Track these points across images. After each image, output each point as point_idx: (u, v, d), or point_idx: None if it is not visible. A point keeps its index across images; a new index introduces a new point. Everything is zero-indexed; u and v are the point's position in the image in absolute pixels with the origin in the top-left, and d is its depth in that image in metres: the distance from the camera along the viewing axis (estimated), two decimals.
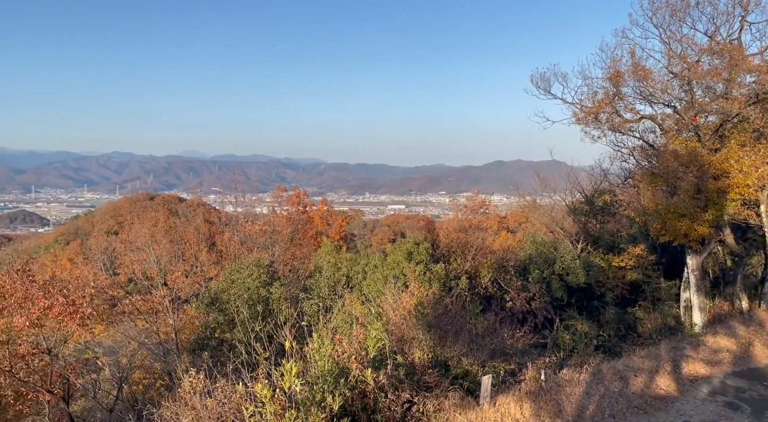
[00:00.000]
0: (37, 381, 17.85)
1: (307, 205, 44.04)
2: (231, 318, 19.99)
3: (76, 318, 18.46)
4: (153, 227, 25.81)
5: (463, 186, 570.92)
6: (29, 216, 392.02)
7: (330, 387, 10.71)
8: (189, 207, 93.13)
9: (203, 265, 26.62)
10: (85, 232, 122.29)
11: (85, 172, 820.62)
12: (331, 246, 24.15)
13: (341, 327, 16.37)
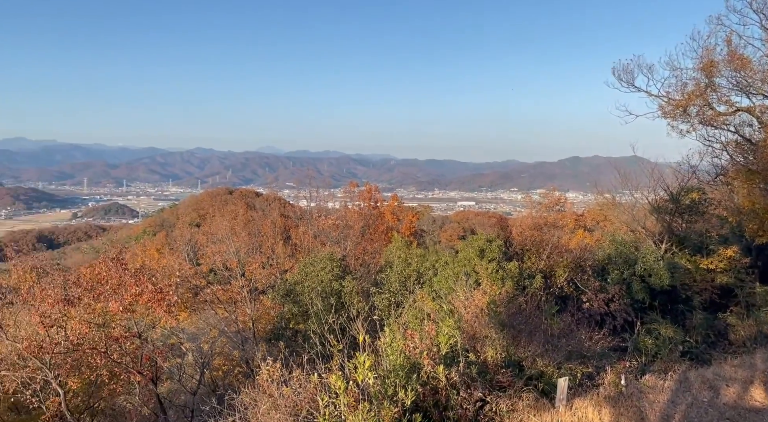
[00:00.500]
0: (128, 363, 19.13)
1: (378, 200, 44.41)
2: (305, 309, 20.53)
3: (164, 305, 19.62)
4: (233, 220, 27.00)
5: (536, 182, 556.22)
6: (121, 209, 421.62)
7: (401, 382, 10.77)
8: (265, 201, 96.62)
9: (279, 258, 27.52)
10: (170, 224, 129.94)
11: (171, 167, 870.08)
12: (401, 242, 24.23)
13: (412, 322, 16.43)
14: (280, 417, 10.03)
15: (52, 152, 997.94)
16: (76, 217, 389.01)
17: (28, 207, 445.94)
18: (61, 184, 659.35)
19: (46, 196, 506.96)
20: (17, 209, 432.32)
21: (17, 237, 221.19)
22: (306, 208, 49.01)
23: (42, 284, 20.18)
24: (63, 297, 18.89)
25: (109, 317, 20.08)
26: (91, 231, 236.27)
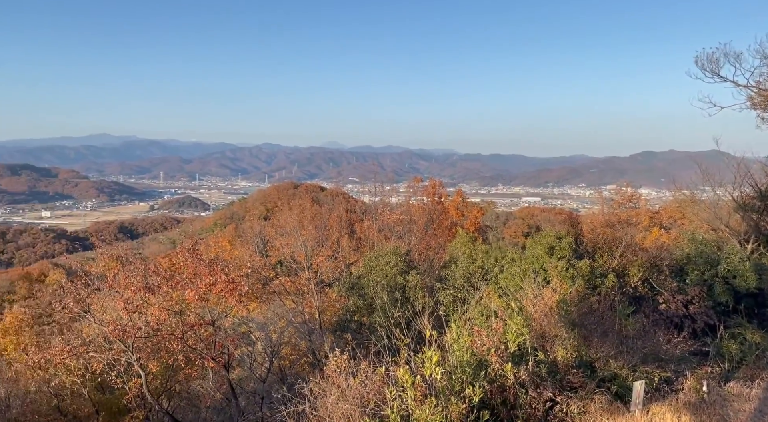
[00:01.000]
0: (202, 349, 20.03)
1: (442, 195, 44.18)
2: (369, 303, 20.74)
3: (235, 295, 20.40)
4: (300, 214, 27.69)
5: (606, 178, 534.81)
6: (194, 202, 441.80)
7: (468, 379, 10.68)
8: (329, 195, 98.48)
9: (344, 251, 27.98)
10: (239, 217, 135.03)
11: (240, 162, 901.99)
12: (466, 238, 24.00)
13: (477, 319, 16.24)
14: (348, 408, 10.20)
15: (133, 147, 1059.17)
16: (153, 210, 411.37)
17: (110, 199, 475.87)
18: (140, 177, 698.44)
19: (127, 189, 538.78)
20: (101, 201, 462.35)
21: (101, 228, 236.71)
22: (369, 203, 49.45)
23: (125, 272, 21.41)
24: (144, 284, 20.04)
25: (185, 305, 21.13)
26: (166, 222, 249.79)
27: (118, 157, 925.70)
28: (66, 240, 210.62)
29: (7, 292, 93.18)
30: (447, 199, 45.55)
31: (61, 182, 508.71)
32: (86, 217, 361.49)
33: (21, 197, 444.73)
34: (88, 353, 19.70)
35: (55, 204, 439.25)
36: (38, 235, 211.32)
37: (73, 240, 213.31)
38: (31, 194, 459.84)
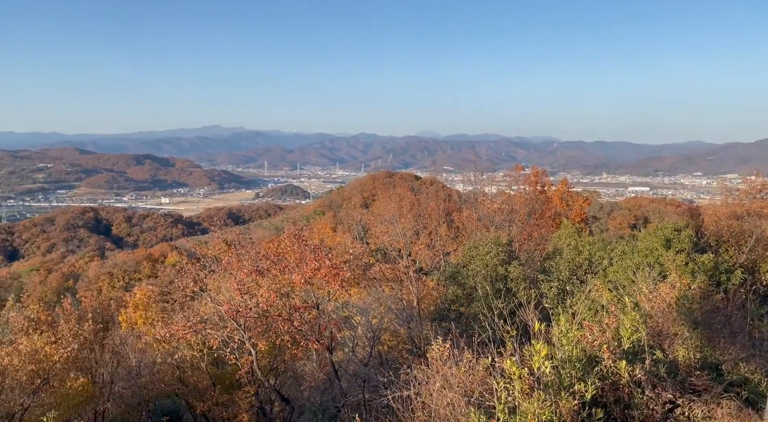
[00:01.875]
0: (307, 331, 20.93)
1: (545, 184, 42.61)
2: (469, 292, 20.54)
3: (338, 280, 21.09)
4: (399, 202, 27.99)
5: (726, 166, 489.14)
6: (295, 190, 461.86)
7: (578, 374, 10.26)
8: (424, 184, 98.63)
9: (442, 240, 27.93)
10: (337, 205, 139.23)
11: (338, 152, 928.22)
12: (572, 229, 23.00)
13: (585, 313, 15.54)
14: (452, 396, 10.19)
15: (240, 138, 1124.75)
16: (258, 197, 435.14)
17: (220, 187, 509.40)
18: (247, 167, 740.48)
19: (234, 177, 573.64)
20: (212, 189, 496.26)
21: (212, 214, 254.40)
22: (468, 192, 48.84)
23: (238, 256, 22.80)
24: (255, 268, 21.28)
25: (291, 288, 22.17)
26: (270, 209, 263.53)
27: (227, 147, 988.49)
28: (182, 225, 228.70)
29: (134, 271, 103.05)
30: (550, 188, 43.86)
31: (177, 171, 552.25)
32: (199, 204, 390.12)
33: (144, 184, 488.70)
34: (205, 330, 21.27)
35: (173, 191, 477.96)
36: (158, 220, 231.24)
37: (188, 225, 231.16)
38: (152, 182, 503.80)
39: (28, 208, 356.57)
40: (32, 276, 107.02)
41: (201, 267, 23.56)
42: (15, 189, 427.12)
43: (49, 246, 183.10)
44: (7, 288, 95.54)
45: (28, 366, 17.74)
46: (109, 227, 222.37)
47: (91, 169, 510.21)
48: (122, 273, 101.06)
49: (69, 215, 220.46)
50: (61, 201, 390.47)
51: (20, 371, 17.45)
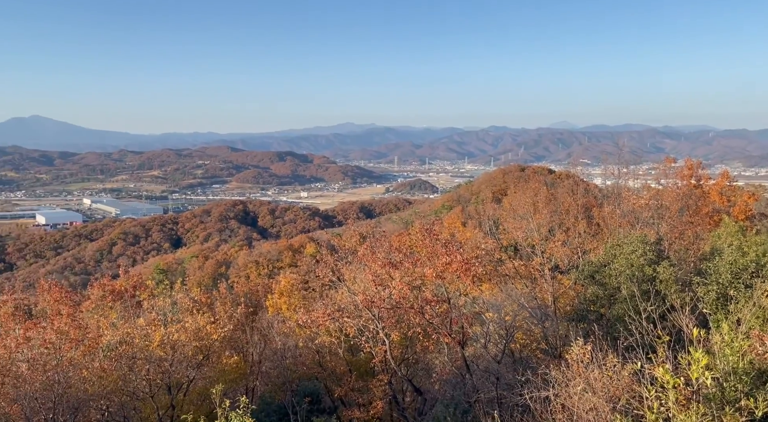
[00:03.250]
0: (438, 325, 21.12)
1: (701, 178, 38.36)
2: (611, 293, 19.30)
3: (470, 275, 20.99)
4: (533, 197, 27.08)
5: None
6: (423, 184, 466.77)
7: (746, 389, 9.22)
8: (558, 178, 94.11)
9: (581, 237, 26.50)
10: (465, 199, 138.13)
11: (467, 146, 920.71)
12: (734, 227, 20.57)
13: (752, 321, 13.87)
14: (596, 401, 9.70)
15: (372, 134, 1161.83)
16: (388, 191, 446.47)
17: (353, 182, 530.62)
18: (378, 162, 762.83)
19: (366, 172, 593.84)
20: (346, 183, 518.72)
21: (346, 208, 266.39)
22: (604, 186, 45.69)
23: (372, 248, 23.62)
24: (389, 260, 21.93)
25: (423, 281, 22.51)
26: (399, 203, 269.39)
27: (359, 143, 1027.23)
28: (319, 217, 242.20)
29: (276, 260, 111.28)
30: (707, 182, 39.39)
31: (315, 166, 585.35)
32: (334, 198, 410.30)
33: (285, 179, 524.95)
34: (342, 318, 22.36)
35: (311, 185, 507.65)
36: (298, 213, 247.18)
37: (324, 218, 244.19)
38: (293, 177, 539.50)
39: (189, 200, 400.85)
40: (192, 262, 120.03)
41: (338, 258, 24.82)
42: (179, 184, 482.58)
43: (206, 236, 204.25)
44: (173, 272, 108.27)
45: (193, 342, 20.01)
46: (256, 219, 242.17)
47: (240, 165, 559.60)
48: (266, 262, 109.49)
49: (222, 207, 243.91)
50: (216, 194, 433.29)
51: (186, 346, 19.74)
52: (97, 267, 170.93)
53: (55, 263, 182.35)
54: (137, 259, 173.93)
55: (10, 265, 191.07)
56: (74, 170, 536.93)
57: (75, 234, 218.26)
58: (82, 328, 21.43)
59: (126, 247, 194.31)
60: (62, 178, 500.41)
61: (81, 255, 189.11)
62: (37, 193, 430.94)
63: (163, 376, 17.80)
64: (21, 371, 17.19)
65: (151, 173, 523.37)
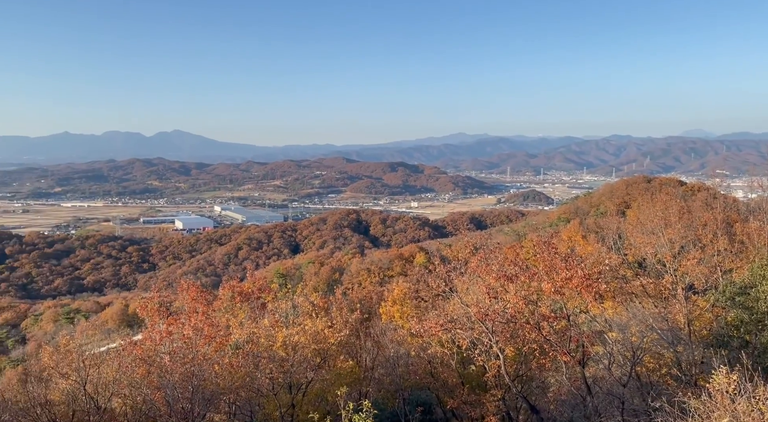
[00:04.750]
0: (556, 342, 20.20)
1: None
2: (759, 318, 17.31)
3: (592, 292, 19.89)
4: (664, 210, 25.01)
5: None
6: (537, 196, 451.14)
7: None
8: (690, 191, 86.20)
9: (721, 255, 23.98)
10: (584, 212, 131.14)
11: (585, 156, 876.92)
12: None
13: None
14: None
15: (484, 144, 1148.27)
16: (500, 202, 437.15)
17: (464, 192, 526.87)
18: (489, 172, 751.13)
19: (477, 183, 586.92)
20: (456, 194, 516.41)
21: (456, 218, 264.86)
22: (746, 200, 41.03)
23: (486, 259, 23.22)
24: (503, 273, 21.42)
25: (539, 296, 21.68)
26: (511, 215, 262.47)
27: (471, 153, 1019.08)
28: (428, 228, 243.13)
29: (387, 268, 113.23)
30: None
31: (425, 177, 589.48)
32: (444, 208, 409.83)
33: (396, 190, 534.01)
34: (455, 329, 22.18)
35: (421, 195, 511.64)
36: (408, 222, 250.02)
37: (434, 228, 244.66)
38: (403, 187, 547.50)
39: (306, 209, 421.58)
40: (309, 267, 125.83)
41: (451, 269, 24.70)
42: (298, 193, 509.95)
43: (321, 243, 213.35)
44: (291, 277, 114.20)
45: (311, 345, 20.93)
46: (368, 228, 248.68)
47: (354, 175, 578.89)
48: (378, 270, 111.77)
49: (337, 216, 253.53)
50: (331, 203, 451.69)
51: (306, 348, 20.69)
52: (225, 270, 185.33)
53: (189, 265, 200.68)
54: (260, 263, 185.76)
55: (153, 265, 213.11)
56: (207, 180, 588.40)
57: (207, 238, 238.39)
58: (215, 326, 23.31)
59: (250, 252, 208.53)
60: (197, 187, 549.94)
61: (211, 258, 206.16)
62: (176, 200, 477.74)
63: (284, 376, 18.77)
64: (164, 362, 19.04)
65: (274, 183, 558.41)
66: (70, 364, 18.46)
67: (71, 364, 18.35)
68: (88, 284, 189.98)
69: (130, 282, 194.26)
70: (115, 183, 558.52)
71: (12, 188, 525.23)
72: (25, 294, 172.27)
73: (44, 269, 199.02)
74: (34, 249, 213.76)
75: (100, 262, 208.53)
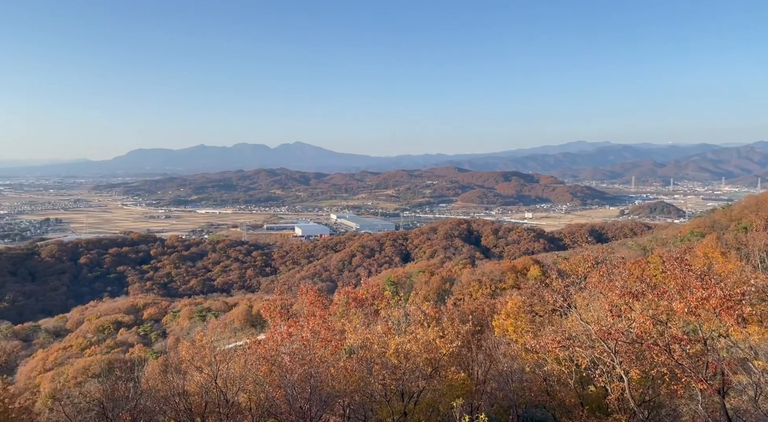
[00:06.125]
0: (690, 367, 18.44)
1: None
2: None
3: (734, 314, 17.92)
4: None
5: None
6: (666, 207, 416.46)
7: None
8: None
9: None
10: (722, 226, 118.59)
11: (724, 165, 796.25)
12: None
13: None
14: None
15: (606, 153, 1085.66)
16: (623, 214, 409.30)
17: (582, 203, 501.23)
18: (611, 182, 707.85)
19: (598, 193, 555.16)
20: (574, 205, 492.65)
21: (573, 230, 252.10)
22: None
23: (609, 275, 21.90)
24: (628, 290, 20.01)
25: (669, 316, 19.94)
26: (636, 228, 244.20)
27: (591, 162, 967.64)
28: (543, 240, 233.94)
29: (499, 281, 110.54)
30: None
31: (540, 187, 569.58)
32: (560, 219, 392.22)
33: (510, 200, 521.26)
34: (573, 347, 21.11)
35: (535, 206, 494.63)
36: (522, 234, 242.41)
37: (549, 240, 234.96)
38: (517, 197, 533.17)
39: (417, 218, 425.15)
40: (419, 276, 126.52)
41: (570, 283, 23.59)
42: (409, 202, 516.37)
43: (431, 252, 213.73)
44: (402, 285, 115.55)
45: (423, 354, 20.99)
46: (479, 238, 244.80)
47: (466, 185, 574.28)
48: (489, 282, 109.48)
49: (447, 226, 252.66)
50: (441, 213, 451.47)
51: (418, 357, 20.79)
52: (339, 276, 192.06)
53: (307, 270, 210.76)
54: (372, 270, 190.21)
55: (275, 269, 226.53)
56: (325, 189, 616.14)
57: (323, 245, 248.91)
58: (331, 330, 24.23)
59: (363, 259, 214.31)
60: (315, 196, 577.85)
61: (327, 264, 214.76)
62: (296, 208, 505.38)
63: (396, 383, 19.00)
64: (285, 362, 20.14)
65: (386, 192, 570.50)
66: (203, 359, 20.19)
67: (204, 359, 20.05)
68: (217, 285, 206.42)
69: (254, 284, 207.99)
70: (242, 191, 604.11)
71: (157, 196, 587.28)
72: (166, 292, 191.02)
73: (181, 270, 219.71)
74: (174, 251, 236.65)
75: (228, 265, 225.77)
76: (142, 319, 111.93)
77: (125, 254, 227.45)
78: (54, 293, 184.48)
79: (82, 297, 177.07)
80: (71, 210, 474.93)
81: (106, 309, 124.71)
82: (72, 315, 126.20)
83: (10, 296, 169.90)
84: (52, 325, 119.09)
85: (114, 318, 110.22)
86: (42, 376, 70.50)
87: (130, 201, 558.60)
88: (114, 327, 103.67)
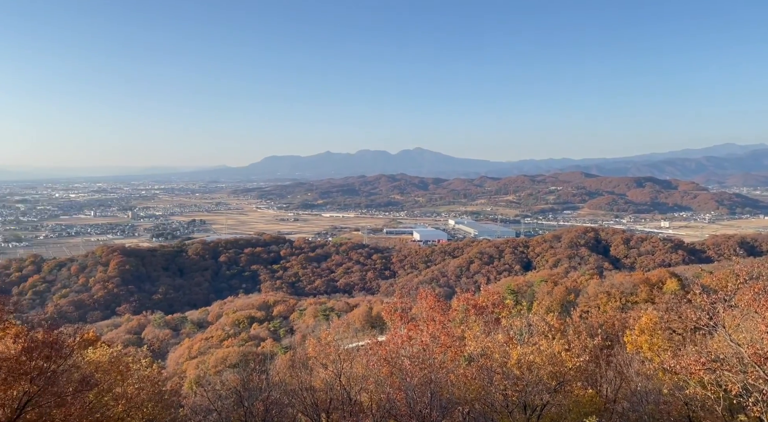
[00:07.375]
0: None
1: None
2: None
3: None
4: None
5: None
6: None
7: None
8: None
9: None
10: None
11: None
12: None
13: None
14: None
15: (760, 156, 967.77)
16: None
17: (730, 212, 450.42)
18: (766, 189, 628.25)
19: (750, 201, 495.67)
20: (720, 214, 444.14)
21: (719, 241, 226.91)
22: None
23: (765, 292, 19.45)
24: None
25: None
26: None
27: (741, 167, 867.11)
28: (682, 251, 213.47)
29: (630, 293, 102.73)
30: None
31: (679, 194, 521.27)
32: (703, 230, 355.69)
33: (643, 207, 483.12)
34: (721, 370, 19.00)
35: (673, 215, 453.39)
36: (657, 244, 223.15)
37: (689, 252, 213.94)
38: (651, 204, 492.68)
39: (539, 225, 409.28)
40: (541, 286, 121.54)
41: (717, 300, 21.25)
42: (531, 208, 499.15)
43: (555, 261, 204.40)
44: (522, 294, 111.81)
45: (547, 366, 20.13)
46: (607, 247, 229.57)
47: (593, 191, 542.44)
48: (619, 294, 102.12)
49: (572, 234, 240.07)
50: (566, 220, 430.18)
51: (541, 369, 19.97)
52: (457, 282, 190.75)
53: (425, 275, 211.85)
54: (490, 278, 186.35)
55: (393, 273, 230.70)
56: (443, 194, 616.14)
57: (441, 250, 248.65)
58: (450, 336, 24.11)
59: (481, 266, 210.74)
60: (433, 201, 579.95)
61: (445, 270, 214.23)
62: (414, 213, 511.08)
63: (519, 395, 18.41)
64: (405, 365, 20.38)
65: (506, 198, 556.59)
66: (328, 356, 21.07)
67: (329, 356, 20.92)
68: (340, 286, 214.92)
69: (374, 287, 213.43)
70: (364, 196, 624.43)
71: (287, 200, 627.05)
72: (293, 291, 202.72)
73: (308, 270, 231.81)
74: (301, 252, 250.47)
75: (350, 267, 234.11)
76: (272, 315, 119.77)
77: (258, 254, 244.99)
78: (198, 288, 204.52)
79: (221, 292, 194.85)
80: (213, 212, 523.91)
81: (241, 304, 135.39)
82: (212, 309, 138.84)
83: (163, 289, 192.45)
84: (196, 317, 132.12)
85: (248, 313, 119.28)
86: (188, 363, 78.27)
87: (264, 204, 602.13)
88: (248, 322, 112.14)
